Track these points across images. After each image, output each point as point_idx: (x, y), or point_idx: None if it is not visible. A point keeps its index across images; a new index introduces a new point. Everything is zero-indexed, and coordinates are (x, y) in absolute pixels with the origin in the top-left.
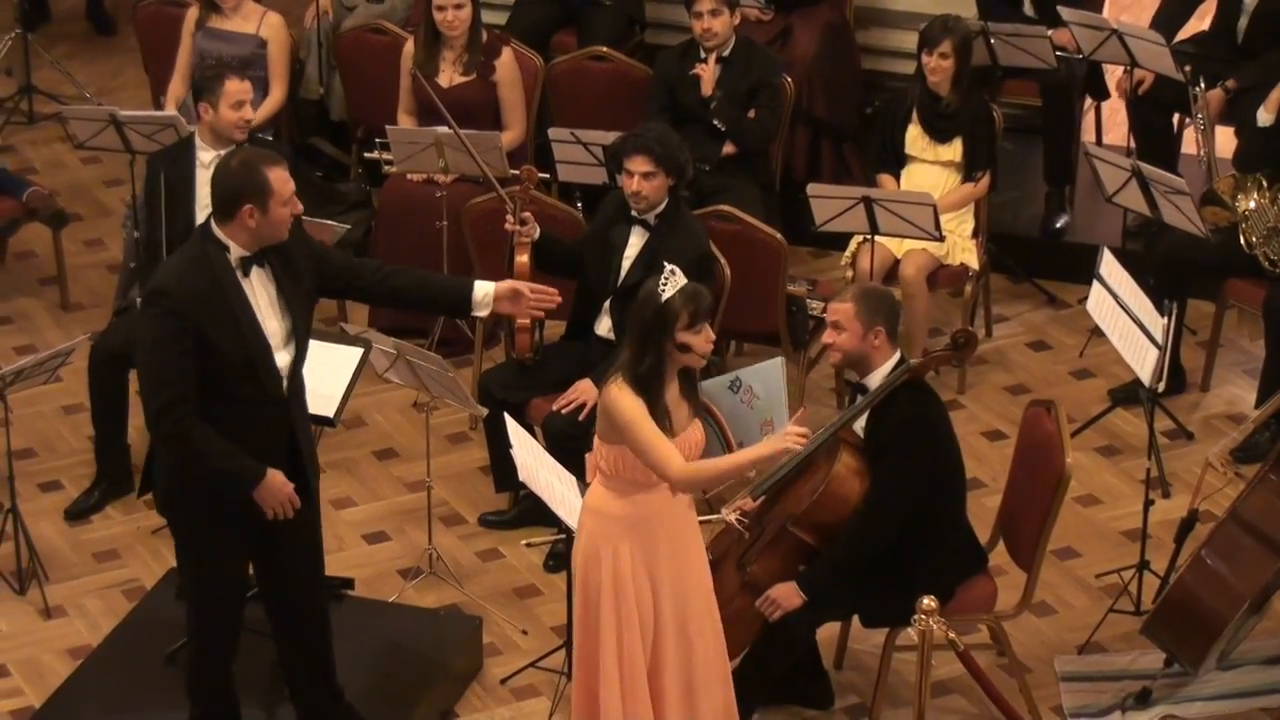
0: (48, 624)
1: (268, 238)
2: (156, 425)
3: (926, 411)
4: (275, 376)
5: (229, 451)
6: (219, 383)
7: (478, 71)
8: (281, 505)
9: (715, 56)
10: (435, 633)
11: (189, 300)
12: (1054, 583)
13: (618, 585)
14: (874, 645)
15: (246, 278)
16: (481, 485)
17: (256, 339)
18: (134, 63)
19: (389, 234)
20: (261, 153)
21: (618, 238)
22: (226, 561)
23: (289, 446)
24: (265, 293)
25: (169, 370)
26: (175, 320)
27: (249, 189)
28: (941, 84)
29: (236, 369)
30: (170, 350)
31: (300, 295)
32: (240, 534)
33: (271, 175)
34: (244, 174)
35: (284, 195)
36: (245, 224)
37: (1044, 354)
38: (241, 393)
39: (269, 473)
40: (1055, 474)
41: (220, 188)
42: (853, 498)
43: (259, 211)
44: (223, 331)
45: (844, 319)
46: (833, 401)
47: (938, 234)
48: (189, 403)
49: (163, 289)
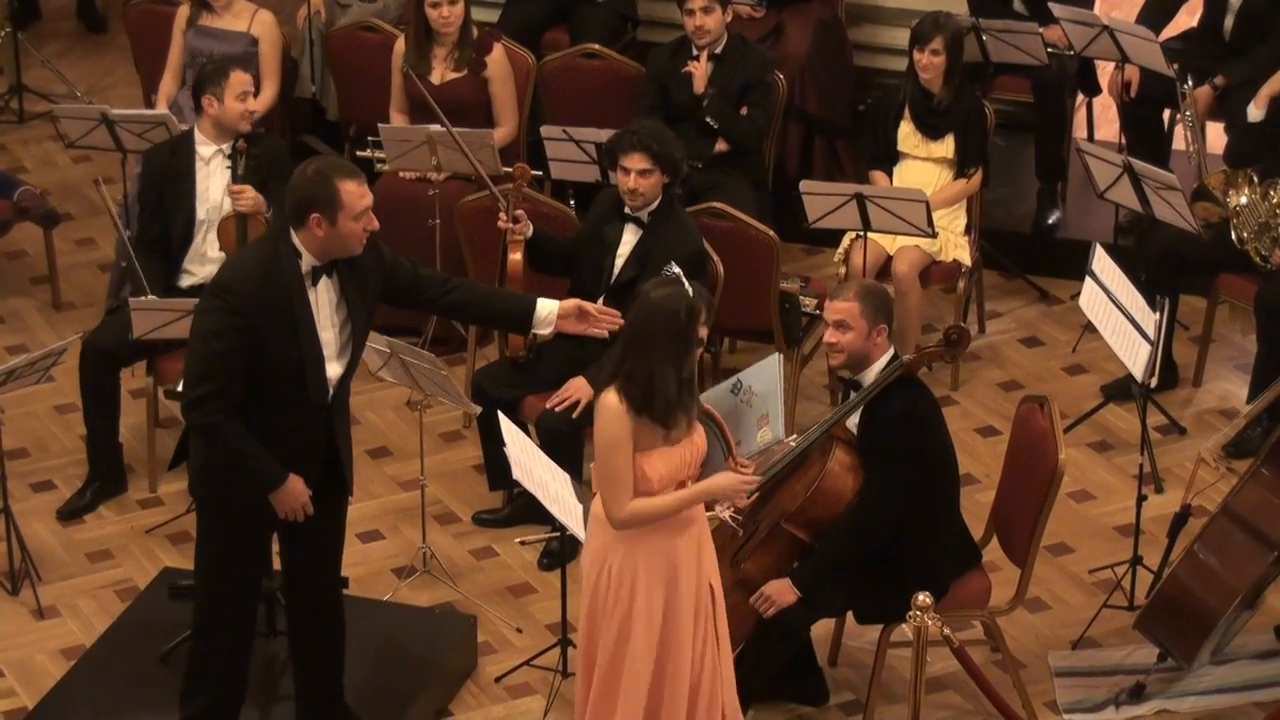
0: (40, 624)
1: (337, 250)
2: (190, 413)
3: (919, 408)
4: (323, 386)
5: (255, 452)
6: (266, 384)
7: (469, 68)
8: (294, 512)
9: (707, 54)
10: (430, 631)
11: (252, 301)
12: (1048, 578)
13: (626, 595)
14: (869, 641)
15: (314, 287)
16: (475, 483)
17: (311, 348)
18: (125, 61)
19: (382, 232)
20: (339, 164)
21: (611, 235)
22: (247, 549)
23: (327, 448)
24: (328, 303)
25: (214, 363)
26: (233, 317)
27: (319, 199)
28: (933, 80)
29: (286, 374)
30: (221, 344)
31: (363, 308)
32: (266, 524)
33: (343, 188)
34: (316, 183)
35: (355, 210)
36: (314, 233)
37: (1036, 350)
38: (287, 396)
39: (290, 479)
40: (1048, 470)
41: (292, 194)
42: (846, 494)
43: (327, 223)
44: (279, 336)
45: (849, 318)
46: (826, 398)
47: (930, 230)
48: (228, 398)
49: (229, 285)
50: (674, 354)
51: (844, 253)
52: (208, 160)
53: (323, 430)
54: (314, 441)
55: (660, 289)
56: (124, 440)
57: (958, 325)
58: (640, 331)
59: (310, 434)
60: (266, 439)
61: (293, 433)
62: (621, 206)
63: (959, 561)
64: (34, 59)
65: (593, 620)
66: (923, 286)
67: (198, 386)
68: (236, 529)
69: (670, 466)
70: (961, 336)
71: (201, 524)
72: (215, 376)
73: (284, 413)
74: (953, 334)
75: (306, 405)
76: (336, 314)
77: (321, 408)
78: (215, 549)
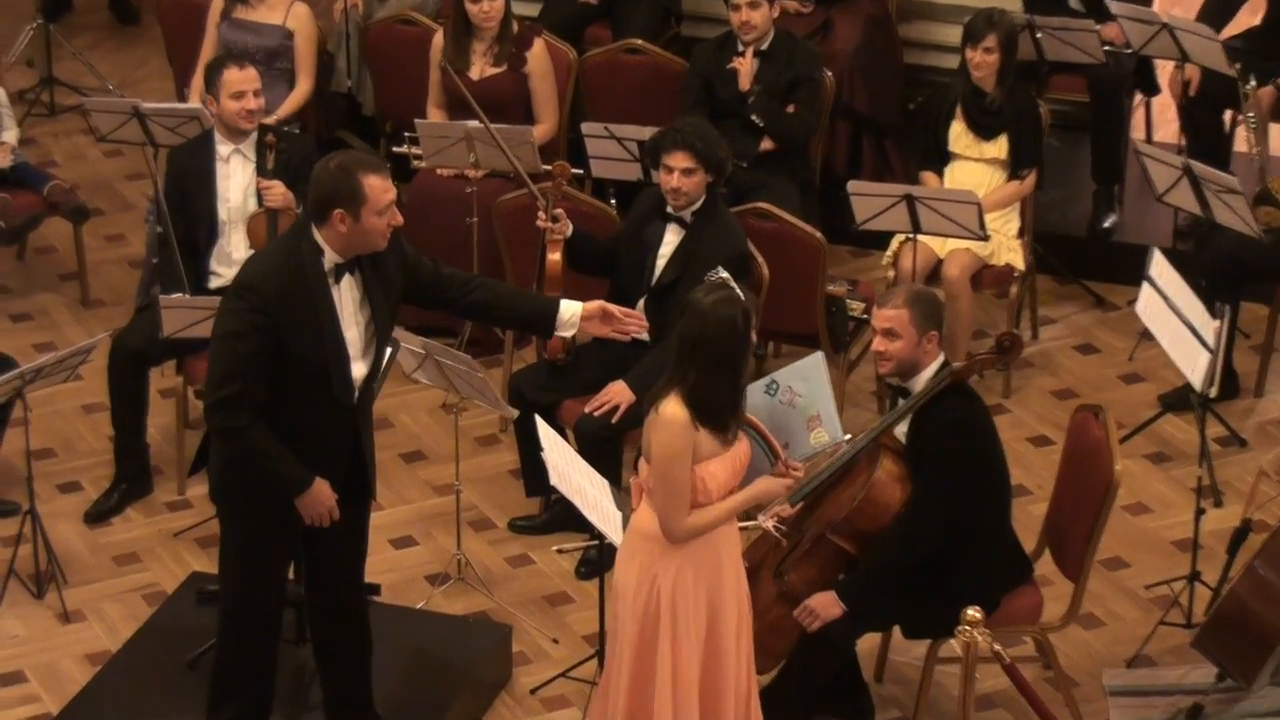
0: (66, 629)
1: (361, 246)
2: (213, 416)
3: (970, 416)
4: (348, 386)
5: (280, 455)
6: (290, 385)
7: (509, 63)
8: (320, 517)
9: (753, 50)
10: (463, 641)
11: (275, 300)
12: (1102, 594)
13: (676, 609)
14: (916, 657)
15: (337, 285)
16: (511, 489)
17: (336, 347)
18: (158, 54)
19: (417, 231)
20: (361, 157)
21: (652, 235)
22: (273, 557)
23: (352, 451)
24: (351, 301)
25: (237, 365)
26: (256, 317)
27: (342, 194)
28: (986, 79)
29: (311, 374)
30: (244, 346)
31: (386, 306)
32: (289, 528)
33: (367, 182)
34: (339, 178)
35: (379, 204)
36: (337, 229)
37: (1092, 358)
38: (312, 398)
39: (315, 482)
40: (1103, 482)
41: (314, 189)
42: (894, 504)
43: (350, 218)
44: (303, 336)
45: (899, 326)
46: (873, 405)
47: (982, 233)
48: (250, 400)
49: (250, 284)
50: (732, 362)
51: (893, 255)
52: (226, 159)
53: (348, 432)
54: (339, 444)
55: (711, 295)
56: (152, 441)
57: (1010, 331)
58: (696, 341)
59: (335, 436)
60: (291, 442)
61: (317, 435)
62: (663, 206)
63: (1010, 575)
64: (65, 51)
65: (642, 644)
66: (974, 291)
67: (221, 389)
68: (260, 534)
69: (727, 473)
70: (1014, 343)
71: (224, 530)
72: (239, 378)
73: (309, 415)
74: (1005, 340)
75: (331, 407)
76: (360, 312)
77: (346, 409)
78: (239, 555)
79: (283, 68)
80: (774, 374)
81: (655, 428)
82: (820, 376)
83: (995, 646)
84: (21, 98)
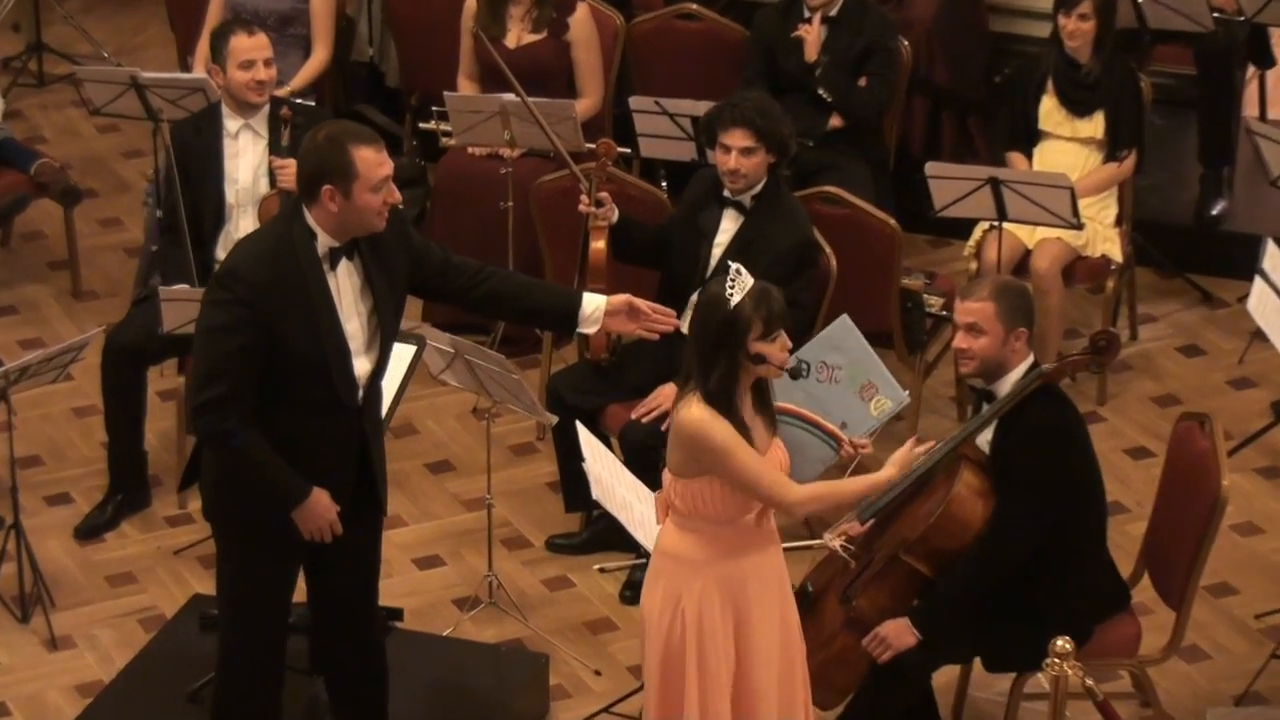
0: (53, 656)
1: (355, 226)
2: (197, 421)
3: (1061, 424)
4: (351, 383)
5: (273, 463)
6: (287, 385)
7: (549, 30)
8: (320, 531)
9: (821, 16)
10: (495, 671)
11: (264, 290)
12: (1207, 623)
13: (702, 635)
14: (998, 693)
15: (333, 271)
16: (549, 503)
17: (335, 341)
18: (158, 18)
19: (447, 215)
20: (353, 128)
21: (708, 222)
22: (274, 580)
23: (359, 458)
24: (351, 289)
25: (224, 363)
26: (243, 310)
27: (331, 168)
28: (1081, 49)
29: (309, 371)
30: (230, 342)
31: (390, 295)
32: (292, 549)
33: (358, 155)
34: (327, 151)
35: (372, 180)
36: (327, 208)
37: (1197, 360)
38: (312, 398)
39: (314, 493)
40: (1209, 498)
41: (302, 164)
42: (975, 522)
43: (340, 195)
44: (298, 329)
45: (983, 321)
46: (952, 411)
47: (1075, 221)
48: (239, 402)
49: (236, 273)
50: (707, 352)
51: (975, 246)
52: (235, 135)
53: (353, 438)
54: (345, 450)
55: (708, 290)
56: (150, 448)
57: (1106, 330)
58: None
59: (340, 442)
60: (291, 449)
61: (321, 441)
62: (720, 189)
63: (1104, 602)
64: (55, 15)
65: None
66: (1066, 285)
67: (204, 390)
68: (259, 554)
69: None
70: (1110, 343)
71: (221, 549)
72: (225, 378)
73: (310, 418)
74: (1100, 340)
75: (335, 408)
76: (361, 302)
77: (351, 411)
78: (236, 578)
79: (297, 34)
80: (797, 354)
81: (686, 429)
82: (854, 340)
83: (1087, 681)
84: (7, 66)
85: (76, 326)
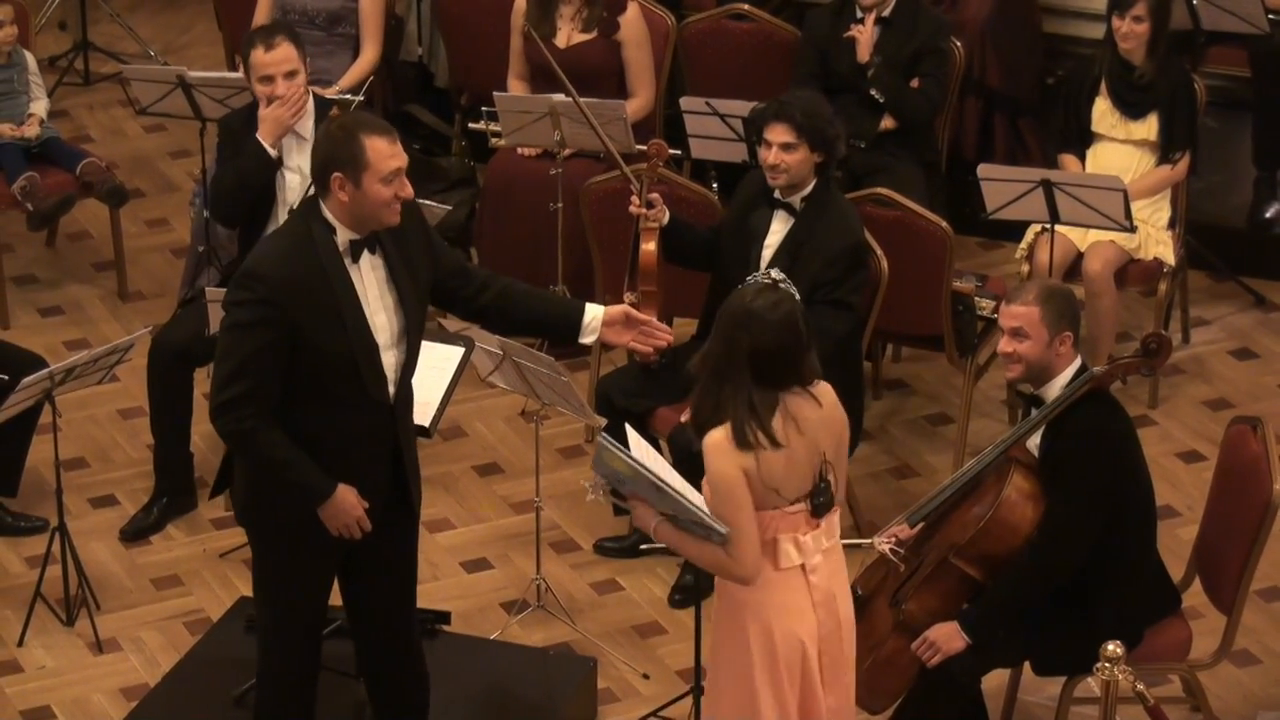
0: (99, 659)
1: (368, 218)
2: (218, 420)
3: (1111, 427)
4: (381, 379)
5: (297, 461)
6: (316, 383)
7: (599, 29)
8: (348, 528)
9: (874, 16)
10: (543, 675)
11: (287, 287)
12: (1258, 628)
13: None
14: (1048, 697)
15: (355, 264)
16: (598, 507)
17: (362, 336)
18: (206, 17)
19: (496, 216)
20: (367, 119)
21: (758, 223)
22: (310, 583)
23: (392, 457)
24: (375, 282)
25: (246, 362)
26: (266, 309)
27: (341, 157)
28: (1135, 51)
29: (337, 369)
30: (253, 341)
31: (415, 290)
32: (327, 552)
33: (370, 145)
34: (338, 139)
35: (382, 171)
36: (337, 197)
37: (1250, 363)
38: (342, 396)
39: (339, 489)
40: (1262, 502)
41: (314, 154)
42: (1024, 525)
43: (350, 184)
44: (324, 325)
45: (1028, 325)
46: (1003, 415)
47: (1128, 224)
48: (261, 401)
49: (257, 271)
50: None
51: (1027, 248)
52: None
53: (386, 435)
54: (377, 449)
55: (761, 298)
56: (196, 450)
57: (1158, 333)
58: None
59: (372, 440)
60: (321, 448)
61: (352, 439)
62: (771, 190)
63: (1155, 606)
64: (102, 13)
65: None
66: (1118, 288)
67: (226, 389)
68: (293, 556)
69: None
70: (1162, 346)
71: (256, 552)
72: (246, 377)
73: (339, 415)
74: (1152, 343)
75: (365, 405)
76: (386, 295)
77: (383, 407)
78: (272, 580)
79: (346, 33)
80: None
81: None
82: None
83: (1138, 686)
84: (53, 65)
85: (123, 327)
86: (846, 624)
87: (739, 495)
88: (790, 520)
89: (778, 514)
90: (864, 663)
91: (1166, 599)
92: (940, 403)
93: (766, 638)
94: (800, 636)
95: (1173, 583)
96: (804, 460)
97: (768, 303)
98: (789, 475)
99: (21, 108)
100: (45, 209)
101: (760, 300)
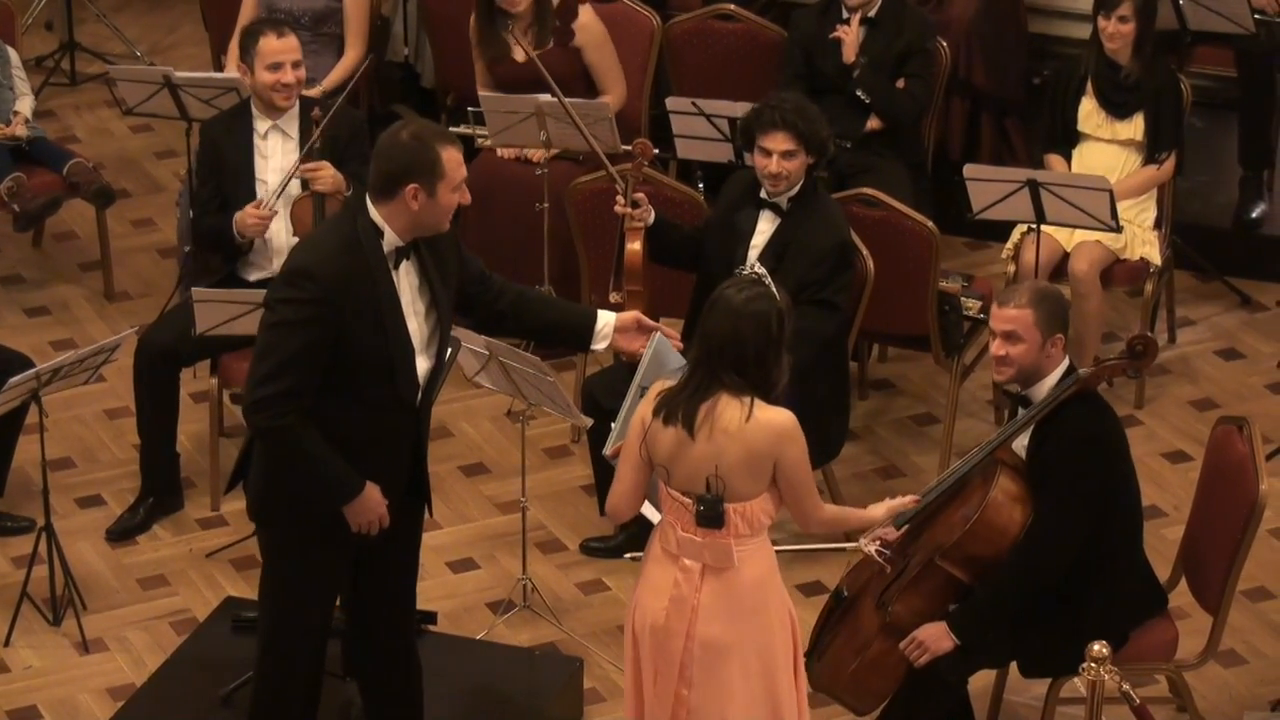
0: (85, 659)
1: (429, 226)
2: (255, 414)
3: (1098, 428)
4: (413, 382)
5: (330, 458)
6: (350, 382)
7: (555, 38)
8: (370, 525)
9: (859, 17)
10: (529, 675)
11: (337, 287)
12: (1244, 628)
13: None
14: (1034, 697)
15: (395, 269)
16: (584, 507)
17: (399, 339)
18: (191, 17)
19: (481, 218)
20: (435, 128)
21: (744, 223)
22: (323, 580)
23: (413, 458)
24: (410, 288)
25: (290, 359)
26: (318, 308)
27: (418, 167)
28: (1120, 51)
29: (373, 369)
30: (299, 339)
31: (445, 295)
32: (343, 549)
33: (445, 155)
34: (415, 150)
35: (455, 180)
36: (408, 206)
37: (1236, 364)
38: (374, 397)
39: (368, 487)
40: (1247, 503)
41: (385, 162)
42: (1011, 527)
43: (424, 194)
44: (365, 327)
45: (1022, 328)
46: (989, 416)
47: (1114, 224)
48: (301, 398)
49: (308, 271)
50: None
51: (1013, 248)
52: (264, 136)
53: (410, 436)
54: (399, 449)
55: (744, 292)
56: (183, 450)
57: (1144, 334)
58: (724, 341)
59: (396, 441)
60: (348, 447)
61: (377, 440)
62: (757, 190)
63: (1141, 607)
64: (88, 13)
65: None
66: (1104, 288)
67: (267, 385)
68: (310, 556)
69: None
70: (1148, 349)
71: (269, 550)
72: (290, 374)
73: (369, 416)
74: (1138, 344)
75: (395, 407)
76: (419, 300)
77: (410, 409)
78: (284, 580)
79: (331, 33)
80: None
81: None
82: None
83: (1124, 686)
84: (39, 65)
85: (109, 328)
86: (666, 653)
87: (632, 435)
88: (674, 508)
89: (665, 493)
90: (850, 664)
91: (1153, 599)
92: (926, 403)
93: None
94: (651, 614)
95: (1159, 583)
96: (696, 458)
97: (745, 296)
98: (673, 460)
99: (7, 104)
100: (32, 210)
101: (734, 290)
